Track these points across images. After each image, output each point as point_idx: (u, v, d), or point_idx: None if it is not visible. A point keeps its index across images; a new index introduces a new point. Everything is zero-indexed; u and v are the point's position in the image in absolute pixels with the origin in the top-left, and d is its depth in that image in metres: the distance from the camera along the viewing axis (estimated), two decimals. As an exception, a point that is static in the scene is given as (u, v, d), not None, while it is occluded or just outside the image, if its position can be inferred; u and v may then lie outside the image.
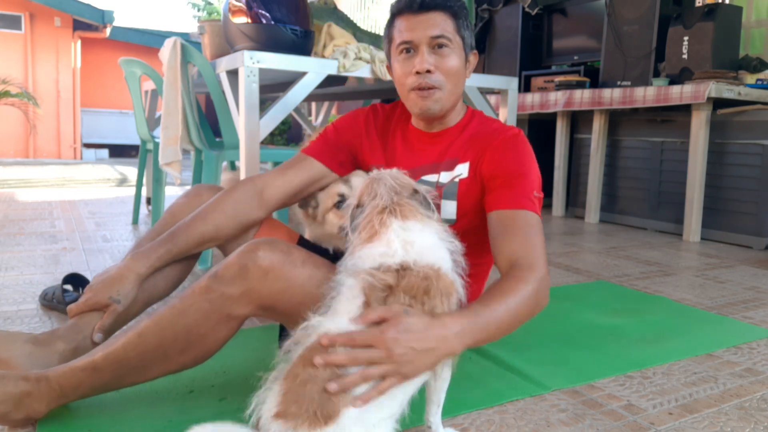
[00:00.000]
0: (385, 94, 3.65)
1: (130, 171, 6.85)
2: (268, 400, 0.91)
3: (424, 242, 1.03)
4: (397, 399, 0.96)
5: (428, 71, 1.34)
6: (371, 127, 1.55)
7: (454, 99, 1.41)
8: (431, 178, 1.43)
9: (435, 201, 1.15)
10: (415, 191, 1.11)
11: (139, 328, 1.15)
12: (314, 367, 0.90)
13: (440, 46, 1.35)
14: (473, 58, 1.46)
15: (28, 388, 1.13)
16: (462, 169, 1.40)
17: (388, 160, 1.51)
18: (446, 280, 1.02)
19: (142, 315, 1.19)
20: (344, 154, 1.54)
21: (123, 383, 1.19)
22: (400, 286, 0.97)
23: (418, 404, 1.08)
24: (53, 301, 1.94)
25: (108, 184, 6.20)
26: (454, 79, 1.39)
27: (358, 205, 1.11)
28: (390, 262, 1.00)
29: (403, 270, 0.99)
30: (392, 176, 1.12)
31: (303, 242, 1.57)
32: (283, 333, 1.49)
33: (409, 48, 1.37)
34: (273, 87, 2.96)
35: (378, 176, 1.13)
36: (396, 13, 1.41)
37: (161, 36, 10.84)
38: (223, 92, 2.36)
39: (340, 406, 0.88)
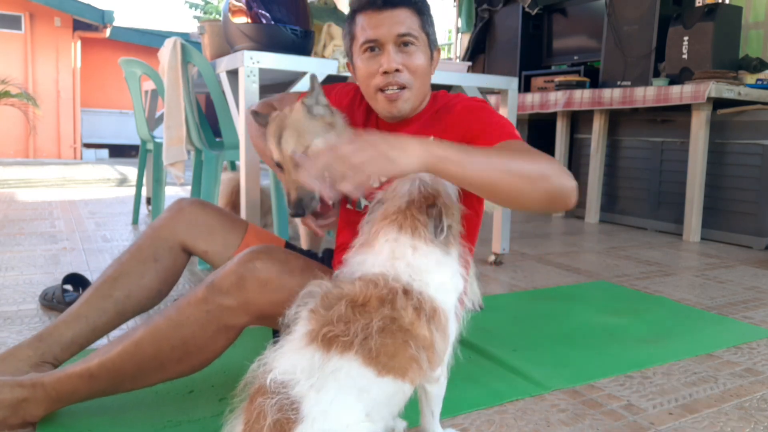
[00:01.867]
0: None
1: (130, 171, 6.85)
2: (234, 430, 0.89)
3: (413, 261, 0.97)
4: (359, 408, 0.89)
5: (396, 70, 1.30)
6: (358, 104, 1.52)
7: (421, 97, 1.38)
8: None
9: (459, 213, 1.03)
10: (433, 205, 1.00)
11: (135, 337, 1.13)
12: (264, 398, 0.86)
13: (406, 44, 1.31)
14: (437, 55, 1.42)
15: (24, 394, 1.13)
16: None
17: None
18: (428, 303, 0.95)
19: (139, 324, 1.17)
20: None
21: (120, 389, 1.18)
22: (345, 293, 0.92)
23: (416, 404, 1.08)
24: (53, 301, 1.94)
25: (108, 184, 6.20)
26: (422, 78, 1.35)
27: (381, 201, 1.05)
28: (371, 272, 0.96)
29: (365, 281, 0.94)
30: (423, 181, 1.01)
31: (288, 248, 1.55)
32: (275, 335, 1.48)
33: (374, 47, 1.32)
34: (273, 87, 2.96)
35: (414, 176, 1.03)
36: (358, 9, 1.35)
37: (161, 36, 10.84)
38: (223, 92, 2.37)
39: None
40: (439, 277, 0.99)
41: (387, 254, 0.97)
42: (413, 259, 0.97)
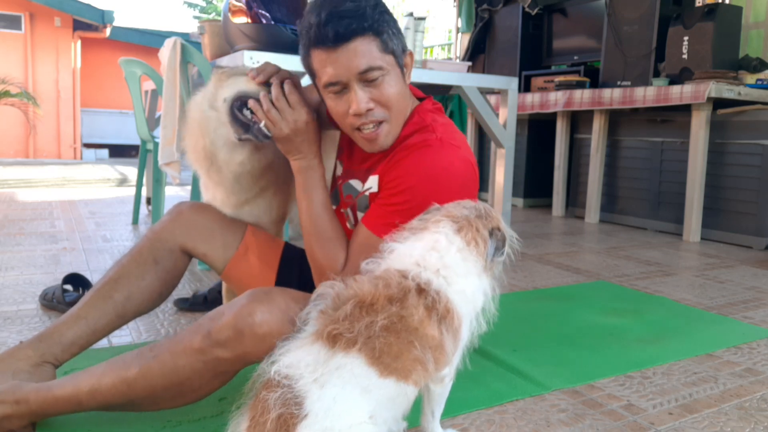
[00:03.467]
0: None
1: (130, 171, 6.85)
2: (239, 428, 0.90)
3: (448, 258, 0.97)
4: (364, 407, 0.89)
5: (369, 109, 1.20)
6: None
7: (402, 120, 1.27)
8: (356, 184, 1.36)
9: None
10: (496, 230, 1.03)
11: (128, 378, 1.10)
12: (269, 390, 0.87)
13: (371, 79, 1.18)
14: (409, 60, 1.29)
15: (7, 411, 1.12)
16: (372, 182, 1.29)
17: (343, 162, 1.46)
18: (443, 303, 0.95)
19: (131, 358, 1.14)
20: None
21: (109, 411, 1.18)
22: (354, 293, 0.93)
23: (417, 403, 1.08)
24: (53, 301, 1.94)
25: (108, 184, 6.20)
26: (398, 104, 1.23)
27: (437, 209, 1.07)
28: (393, 267, 0.97)
29: (377, 280, 0.95)
30: (487, 209, 1.05)
31: (287, 250, 1.55)
32: None
33: (338, 87, 1.19)
34: (273, 87, 2.95)
35: (469, 204, 1.07)
36: (309, 44, 1.20)
37: (161, 36, 10.83)
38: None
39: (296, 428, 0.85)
40: (464, 284, 0.99)
41: (427, 244, 0.98)
42: (450, 257, 0.98)
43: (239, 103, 1.28)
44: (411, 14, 2.77)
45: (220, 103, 1.30)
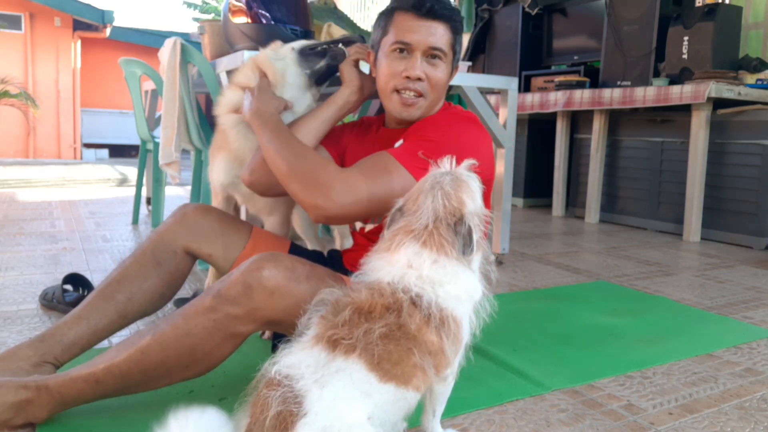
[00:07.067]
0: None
1: (130, 171, 6.85)
2: (239, 425, 0.91)
3: (428, 273, 0.97)
4: (368, 406, 0.90)
5: (419, 79, 1.36)
6: (358, 128, 1.60)
7: (432, 107, 1.44)
8: None
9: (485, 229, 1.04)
10: (461, 221, 0.99)
11: (142, 345, 1.13)
12: (270, 389, 0.87)
13: (434, 56, 1.37)
14: (455, 72, 1.49)
15: (28, 395, 1.13)
16: (398, 145, 1.38)
17: (357, 152, 1.51)
18: (437, 313, 0.95)
19: (144, 330, 1.17)
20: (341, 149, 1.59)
21: (124, 393, 1.19)
22: (352, 300, 0.94)
23: (419, 404, 1.08)
24: (53, 301, 1.94)
25: (108, 184, 6.20)
26: (438, 90, 1.41)
27: (401, 210, 1.06)
28: (386, 279, 0.97)
29: (372, 290, 0.95)
30: (446, 193, 1.00)
31: (294, 249, 1.56)
32: (276, 341, 1.48)
33: (404, 49, 1.37)
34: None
35: (434, 183, 1.02)
36: (399, 7, 1.38)
37: (161, 36, 10.83)
38: (223, 92, 2.36)
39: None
40: (454, 288, 0.98)
41: (402, 264, 0.98)
42: (429, 271, 0.97)
43: (306, 49, 1.57)
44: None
45: (288, 55, 1.58)
